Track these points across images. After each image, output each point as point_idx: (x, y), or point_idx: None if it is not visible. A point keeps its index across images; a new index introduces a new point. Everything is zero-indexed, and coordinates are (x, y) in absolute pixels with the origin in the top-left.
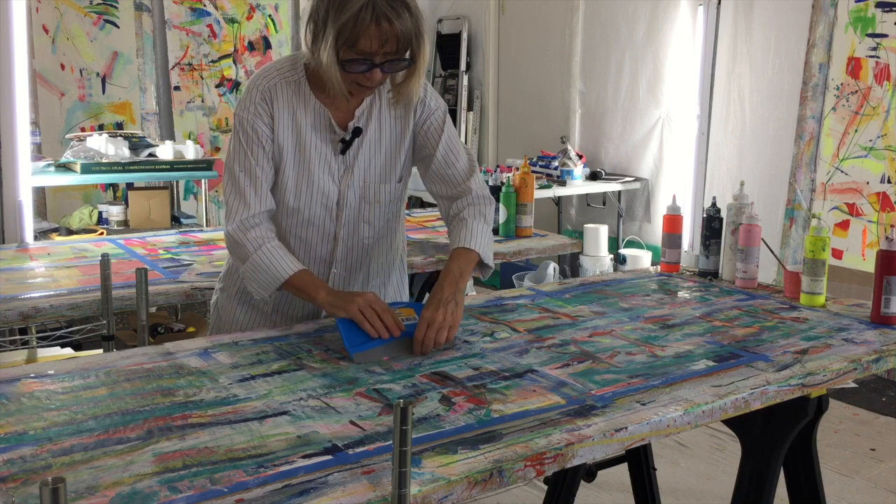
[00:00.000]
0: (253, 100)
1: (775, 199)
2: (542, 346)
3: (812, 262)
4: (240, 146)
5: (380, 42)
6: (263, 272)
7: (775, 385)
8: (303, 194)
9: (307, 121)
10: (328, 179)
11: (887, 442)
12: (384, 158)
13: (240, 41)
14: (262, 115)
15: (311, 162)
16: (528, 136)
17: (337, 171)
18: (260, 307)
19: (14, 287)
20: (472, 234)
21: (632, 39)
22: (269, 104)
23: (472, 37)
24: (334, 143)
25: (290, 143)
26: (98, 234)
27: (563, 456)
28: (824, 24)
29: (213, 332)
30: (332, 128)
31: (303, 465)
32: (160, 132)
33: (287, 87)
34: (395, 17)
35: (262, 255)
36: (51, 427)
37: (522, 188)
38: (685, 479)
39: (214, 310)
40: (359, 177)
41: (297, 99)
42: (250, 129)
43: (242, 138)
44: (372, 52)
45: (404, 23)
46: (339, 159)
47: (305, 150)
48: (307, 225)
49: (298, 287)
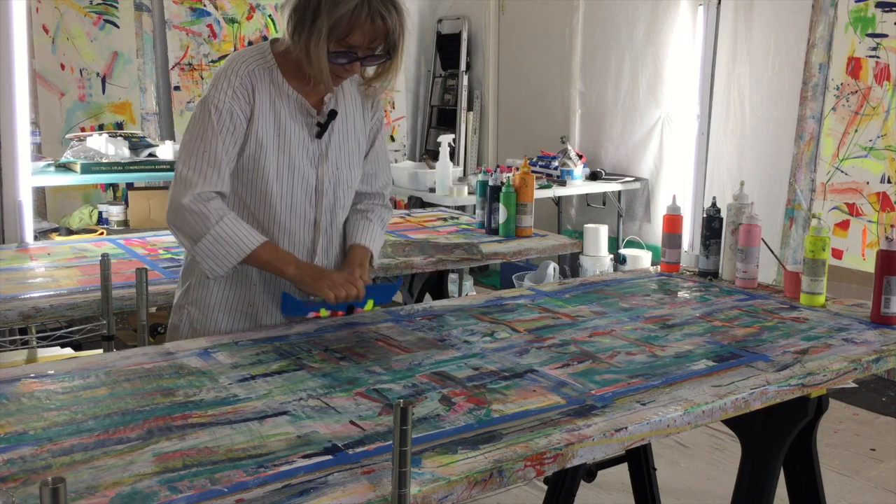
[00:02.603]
0: (231, 84)
1: (775, 199)
2: (542, 346)
3: (812, 262)
4: (208, 126)
5: (371, 38)
6: (225, 244)
7: (775, 385)
8: (285, 180)
9: (284, 106)
10: (307, 164)
11: (887, 442)
12: (352, 143)
13: (240, 41)
14: (239, 101)
15: (291, 147)
16: (528, 136)
17: (314, 155)
18: (245, 310)
19: (14, 287)
20: (374, 236)
21: (632, 39)
22: (249, 91)
23: (472, 37)
24: (310, 127)
25: (270, 129)
26: (98, 234)
27: (563, 456)
28: (824, 24)
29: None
30: (309, 111)
31: (303, 465)
32: (160, 132)
33: (262, 73)
34: (387, 15)
35: (225, 226)
36: (51, 427)
37: (522, 188)
38: (685, 479)
39: (187, 324)
40: (333, 161)
41: (272, 85)
42: (225, 112)
43: (214, 118)
44: (359, 46)
45: (393, 20)
46: (315, 144)
47: (285, 136)
48: (290, 212)
49: (266, 260)
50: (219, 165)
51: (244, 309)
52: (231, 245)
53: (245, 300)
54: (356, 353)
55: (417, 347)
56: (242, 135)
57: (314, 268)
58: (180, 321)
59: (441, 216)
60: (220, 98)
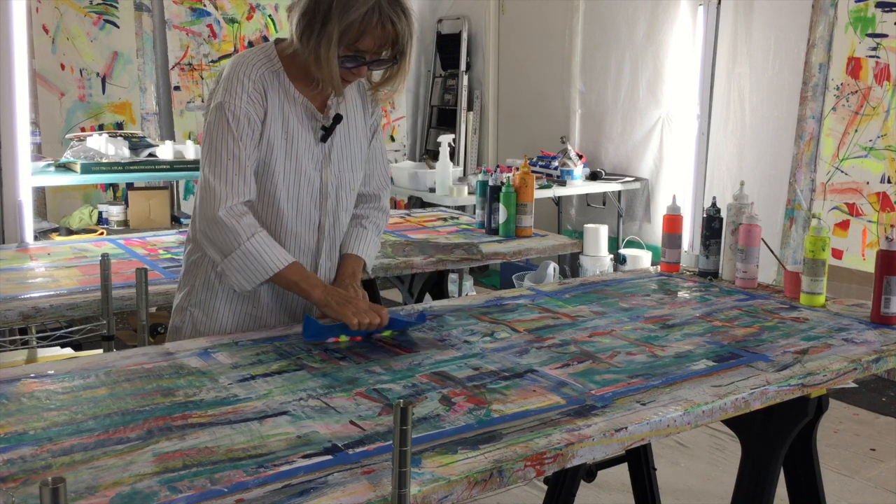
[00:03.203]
0: (245, 88)
1: (775, 199)
2: (542, 346)
3: (812, 262)
4: (228, 132)
5: (381, 43)
6: (254, 261)
7: (775, 385)
8: (292, 183)
9: (291, 109)
10: (312, 167)
11: (887, 442)
12: (354, 146)
13: (240, 41)
14: (254, 105)
15: (298, 150)
16: (528, 136)
17: (318, 159)
18: (250, 313)
19: (14, 287)
20: (368, 245)
21: (632, 39)
22: (263, 94)
23: (472, 37)
24: (315, 130)
25: (279, 132)
26: (98, 234)
27: (563, 456)
28: (824, 24)
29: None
30: (314, 115)
31: (303, 465)
32: (160, 132)
33: (272, 76)
34: (397, 20)
35: (256, 243)
36: (51, 427)
37: (522, 188)
38: (685, 479)
39: (190, 325)
40: (336, 164)
41: (280, 89)
42: (243, 116)
43: (232, 124)
44: (368, 51)
45: (403, 26)
46: (320, 147)
47: (293, 140)
48: (296, 215)
49: (293, 280)
50: (244, 173)
51: (249, 311)
52: (259, 263)
53: (250, 303)
54: (356, 353)
55: (417, 347)
56: (256, 140)
57: (339, 293)
58: (182, 323)
59: (441, 216)
60: (235, 104)
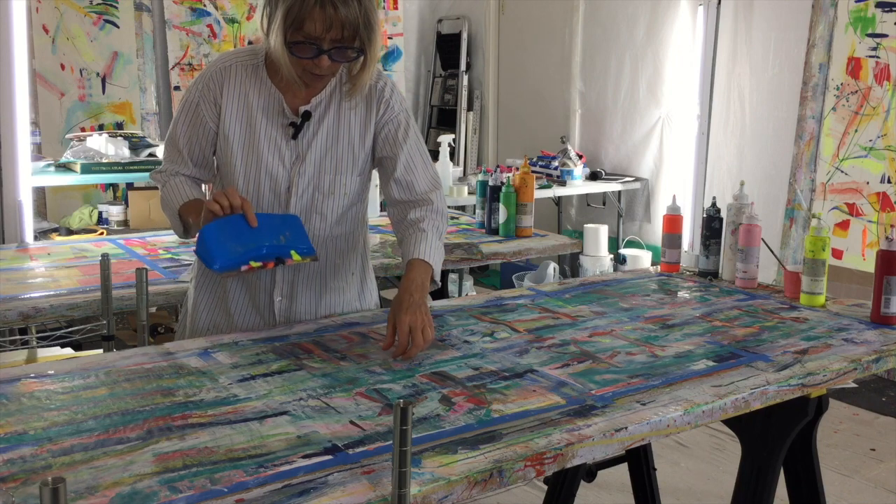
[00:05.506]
0: (204, 79)
1: (775, 199)
2: (542, 346)
3: (812, 262)
4: (178, 117)
5: (324, 27)
6: (168, 206)
7: (775, 385)
8: (251, 177)
9: (258, 103)
10: (277, 164)
11: (887, 442)
12: (342, 150)
13: (240, 41)
14: (206, 96)
15: (259, 144)
16: (528, 136)
17: (288, 156)
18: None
19: (14, 287)
20: (431, 249)
21: (632, 39)
22: (219, 86)
23: (472, 37)
24: (285, 127)
25: (238, 124)
26: (98, 234)
27: (563, 456)
28: (824, 24)
29: (190, 324)
30: (284, 111)
31: (303, 465)
32: (160, 132)
33: (242, 69)
34: (341, 4)
35: (168, 189)
36: (51, 427)
37: (522, 188)
38: (685, 479)
39: (193, 309)
40: (311, 165)
41: (250, 82)
42: (192, 105)
43: (183, 109)
44: (318, 36)
45: (350, 10)
46: (291, 145)
47: (254, 133)
48: (257, 207)
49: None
50: (181, 152)
51: (221, 306)
52: (169, 207)
53: (222, 301)
54: (356, 353)
55: None
56: (207, 128)
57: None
58: (186, 311)
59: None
60: (191, 92)
